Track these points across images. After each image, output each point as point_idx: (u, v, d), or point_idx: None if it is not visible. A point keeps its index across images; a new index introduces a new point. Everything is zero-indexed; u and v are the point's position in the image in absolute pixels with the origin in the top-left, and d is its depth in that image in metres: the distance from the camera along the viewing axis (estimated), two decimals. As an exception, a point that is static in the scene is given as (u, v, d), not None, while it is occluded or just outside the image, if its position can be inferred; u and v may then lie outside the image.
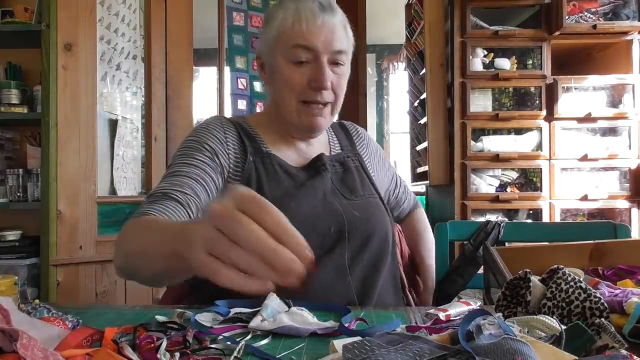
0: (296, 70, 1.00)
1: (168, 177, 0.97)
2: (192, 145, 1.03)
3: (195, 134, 1.06)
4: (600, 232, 1.28)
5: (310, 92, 1.01)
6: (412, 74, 3.44)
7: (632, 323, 0.62)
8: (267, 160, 1.05)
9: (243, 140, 1.07)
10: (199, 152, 1.01)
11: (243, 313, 0.75)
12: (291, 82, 1.01)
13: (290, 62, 1.00)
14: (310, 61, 1.00)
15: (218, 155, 1.03)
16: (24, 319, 0.55)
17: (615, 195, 2.56)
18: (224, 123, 1.09)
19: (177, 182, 0.95)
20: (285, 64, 1.01)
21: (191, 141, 1.05)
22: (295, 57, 1.00)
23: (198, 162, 1.00)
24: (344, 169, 1.12)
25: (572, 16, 2.56)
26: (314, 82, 1.00)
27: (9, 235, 2.38)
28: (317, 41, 0.99)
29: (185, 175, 0.97)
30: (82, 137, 2.36)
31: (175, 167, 0.99)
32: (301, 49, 0.99)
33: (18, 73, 2.54)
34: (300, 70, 1.00)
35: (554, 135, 2.58)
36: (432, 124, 2.81)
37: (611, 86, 2.62)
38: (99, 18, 2.53)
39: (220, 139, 1.05)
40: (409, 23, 3.43)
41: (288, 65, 1.01)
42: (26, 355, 0.45)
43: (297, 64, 1.00)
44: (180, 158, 1.01)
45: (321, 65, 0.99)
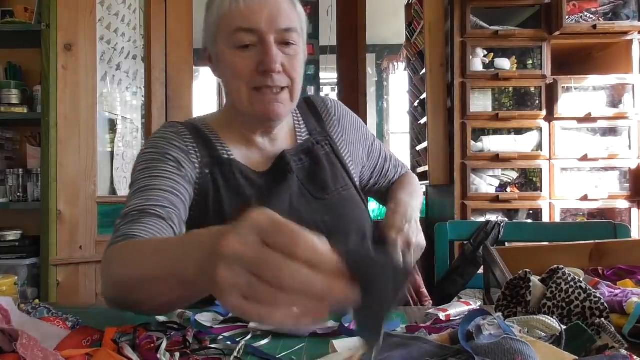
0: (241, 56, 0.91)
1: (137, 194, 0.87)
2: (153, 157, 0.94)
3: (153, 145, 0.96)
4: (600, 232, 1.28)
5: (259, 77, 0.91)
6: (412, 74, 3.44)
7: (632, 323, 0.62)
8: (227, 169, 0.97)
9: (200, 148, 0.98)
10: (162, 162, 0.92)
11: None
12: (237, 69, 0.91)
13: (233, 47, 0.91)
14: (256, 44, 0.90)
15: (182, 164, 0.94)
16: (24, 318, 0.55)
17: (615, 195, 2.56)
18: (180, 131, 0.99)
19: (150, 196, 0.86)
20: (228, 50, 0.91)
21: (150, 153, 0.95)
22: (238, 41, 0.90)
23: (165, 173, 0.91)
24: (311, 160, 1.03)
25: (572, 16, 2.56)
26: (261, 65, 0.90)
27: (9, 235, 2.38)
28: (259, 20, 0.89)
29: (157, 188, 0.88)
30: (82, 137, 2.36)
31: (141, 182, 0.90)
32: (243, 32, 0.90)
33: (18, 73, 2.54)
34: (245, 55, 0.90)
35: (554, 135, 2.57)
36: (432, 124, 2.81)
37: (611, 86, 2.62)
38: (99, 18, 2.53)
39: (181, 148, 0.96)
40: (409, 23, 3.43)
41: (232, 52, 0.91)
42: (26, 355, 0.45)
43: (241, 49, 0.90)
44: (144, 172, 0.91)
45: (267, 46, 0.89)
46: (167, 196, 0.87)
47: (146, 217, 0.82)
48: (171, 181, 0.90)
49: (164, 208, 0.85)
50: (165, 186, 0.89)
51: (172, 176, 0.91)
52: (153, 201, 0.85)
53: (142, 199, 0.85)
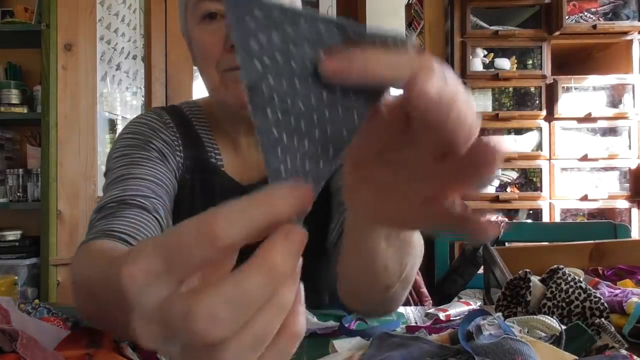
0: (206, 29, 0.75)
1: (115, 184, 0.73)
2: (133, 144, 0.79)
3: (134, 130, 0.82)
4: (600, 232, 1.28)
5: (229, 56, 0.73)
6: (412, 74, 3.44)
7: (632, 323, 0.62)
8: (208, 177, 0.83)
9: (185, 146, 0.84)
10: (144, 150, 0.79)
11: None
12: (203, 47, 0.75)
13: (198, 22, 0.75)
14: (223, 13, 0.73)
15: (167, 157, 0.81)
16: (24, 318, 0.55)
17: (615, 195, 2.56)
18: (167, 121, 0.85)
19: (130, 185, 0.72)
20: (195, 26, 0.76)
21: (130, 139, 0.80)
22: (202, 11, 0.74)
23: (147, 162, 0.77)
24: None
25: (572, 16, 2.56)
26: (228, 41, 0.73)
27: (9, 235, 2.38)
28: None
29: (137, 176, 0.74)
30: (82, 137, 2.36)
31: (118, 170, 0.75)
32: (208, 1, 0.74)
33: (18, 73, 2.54)
34: (212, 28, 0.74)
35: (554, 135, 2.57)
36: (432, 124, 2.80)
37: (611, 86, 2.62)
38: (99, 18, 2.53)
39: (167, 141, 0.82)
40: (409, 23, 3.43)
41: (198, 27, 0.76)
42: (26, 355, 0.45)
43: (207, 21, 0.75)
44: (122, 160, 0.77)
45: None
46: (150, 185, 0.74)
47: (126, 208, 0.68)
48: (154, 170, 0.76)
49: (147, 198, 0.71)
50: (147, 175, 0.75)
51: (156, 165, 0.77)
52: (133, 190, 0.71)
53: (120, 189, 0.71)
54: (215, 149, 0.85)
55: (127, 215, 0.67)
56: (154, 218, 0.70)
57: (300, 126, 0.28)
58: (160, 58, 2.68)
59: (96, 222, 0.68)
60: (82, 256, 0.61)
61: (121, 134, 0.83)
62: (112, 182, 0.74)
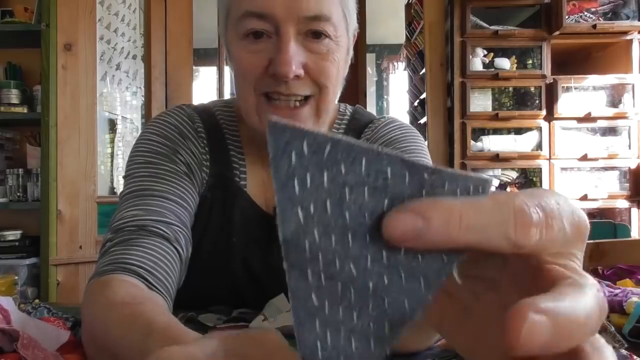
0: (249, 49, 0.68)
1: (136, 199, 0.69)
2: (159, 151, 0.74)
3: (163, 133, 0.76)
4: (600, 232, 1.28)
5: (269, 81, 0.68)
6: (412, 74, 3.44)
7: (632, 323, 0.62)
8: (230, 199, 0.78)
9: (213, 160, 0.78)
10: (170, 161, 0.73)
11: (247, 313, 0.75)
12: (243, 67, 0.69)
13: (241, 38, 0.68)
14: (271, 34, 0.67)
15: (193, 172, 0.76)
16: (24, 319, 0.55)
17: (615, 195, 2.56)
18: (198, 128, 0.79)
19: (152, 207, 0.67)
20: (236, 41, 0.69)
21: (157, 144, 0.75)
22: (247, 30, 0.67)
23: (172, 177, 0.72)
24: None
25: (572, 16, 2.56)
26: (272, 65, 0.67)
27: (9, 235, 2.38)
28: (275, 4, 0.65)
29: (161, 195, 0.69)
30: (82, 137, 2.36)
31: (141, 182, 0.71)
32: (252, 17, 0.67)
33: (18, 73, 2.54)
34: (255, 48, 0.68)
35: (553, 135, 2.58)
36: (432, 123, 2.81)
37: (611, 86, 2.62)
38: (99, 18, 2.53)
39: (195, 154, 0.77)
40: (409, 23, 3.43)
41: (239, 43, 0.69)
42: (27, 355, 0.45)
43: (250, 40, 0.68)
44: (146, 168, 0.72)
45: (282, 40, 0.66)
46: (173, 207, 0.69)
47: (146, 236, 0.64)
48: (180, 188, 0.71)
49: (170, 225, 0.67)
50: (171, 194, 0.70)
51: (181, 181, 0.72)
52: (156, 214, 0.67)
53: (141, 208, 0.67)
54: (241, 165, 0.80)
55: (146, 245, 0.63)
56: (174, 249, 0.66)
57: (349, 295, 0.22)
58: (160, 58, 2.68)
59: (112, 248, 0.63)
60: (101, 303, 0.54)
61: (146, 134, 0.77)
62: (132, 194, 0.70)
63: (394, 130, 0.82)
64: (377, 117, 0.87)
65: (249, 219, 0.77)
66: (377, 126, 0.84)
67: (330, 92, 0.70)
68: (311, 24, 0.66)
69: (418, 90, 3.32)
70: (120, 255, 0.62)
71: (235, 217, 0.77)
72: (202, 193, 0.77)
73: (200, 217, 0.76)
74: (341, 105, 0.88)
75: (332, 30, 0.68)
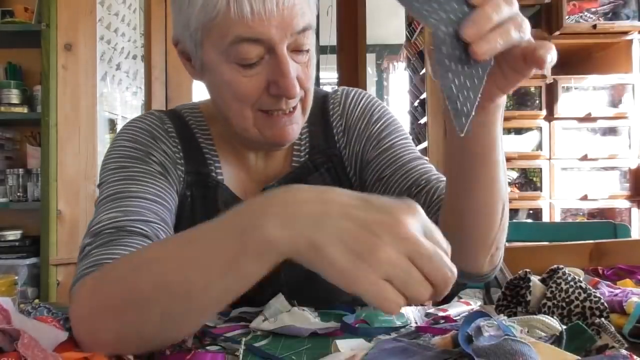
0: (245, 74, 0.67)
1: (112, 203, 0.68)
2: (131, 155, 0.73)
3: (133, 137, 0.76)
4: (600, 232, 1.28)
5: (270, 100, 0.69)
6: (412, 74, 3.44)
7: (632, 323, 0.62)
8: (211, 194, 0.79)
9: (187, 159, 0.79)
10: (143, 163, 0.73)
11: (247, 312, 0.75)
12: (241, 92, 0.69)
13: (233, 63, 0.67)
14: (263, 55, 0.66)
15: (168, 171, 0.76)
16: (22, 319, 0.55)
17: (615, 195, 2.56)
18: (168, 129, 0.79)
19: (129, 207, 0.67)
20: (225, 64, 0.67)
21: (128, 148, 0.74)
22: (240, 57, 0.66)
23: (147, 177, 0.72)
24: None
25: (572, 16, 2.56)
26: (275, 86, 0.68)
27: (9, 235, 2.38)
28: (269, 27, 0.64)
29: (137, 195, 0.69)
30: (82, 137, 2.36)
31: (115, 186, 0.70)
32: (247, 43, 0.65)
33: (18, 73, 2.54)
34: (250, 73, 0.67)
35: (554, 135, 2.58)
36: (432, 123, 2.81)
37: (611, 86, 2.62)
38: (99, 18, 2.53)
39: (168, 153, 0.77)
40: (409, 23, 3.43)
41: (231, 67, 0.67)
42: (27, 355, 0.45)
43: (245, 66, 0.67)
44: (119, 173, 0.71)
45: (281, 60, 0.66)
46: (151, 206, 0.69)
47: (125, 236, 0.63)
48: (155, 187, 0.71)
49: (149, 224, 0.66)
50: (147, 193, 0.70)
51: (157, 181, 0.72)
52: (133, 214, 0.66)
53: (118, 210, 0.66)
54: (215, 161, 0.81)
55: (127, 244, 0.62)
56: None
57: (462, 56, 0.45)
58: (160, 58, 2.68)
59: (92, 251, 0.63)
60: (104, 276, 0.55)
61: (118, 140, 0.76)
62: (107, 198, 0.69)
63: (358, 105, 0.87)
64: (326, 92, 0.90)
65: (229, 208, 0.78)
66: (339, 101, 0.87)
67: (312, 91, 0.75)
68: (299, 38, 0.67)
69: (418, 90, 3.32)
70: (102, 256, 0.61)
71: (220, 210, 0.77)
72: (180, 192, 0.78)
73: (184, 216, 0.78)
74: None
75: (311, 38, 0.70)
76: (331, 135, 0.85)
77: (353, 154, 0.84)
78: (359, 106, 0.86)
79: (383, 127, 0.84)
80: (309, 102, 0.75)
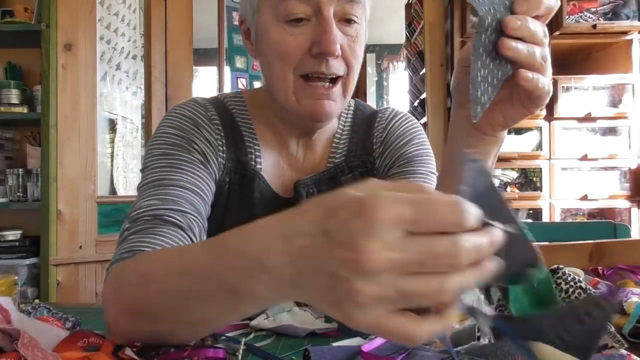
0: (291, 32, 0.71)
1: (152, 190, 0.71)
2: (175, 142, 0.77)
3: (178, 125, 0.79)
4: (600, 232, 1.28)
5: (311, 62, 0.71)
6: (412, 74, 3.44)
7: (632, 323, 0.62)
8: (248, 183, 0.81)
9: (228, 147, 0.81)
10: (185, 151, 0.76)
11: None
12: (285, 49, 0.72)
13: (281, 21, 0.71)
14: (310, 17, 0.71)
15: (209, 160, 0.78)
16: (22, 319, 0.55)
17: (615, 195, 2.56)
18: (212, 117, 0.82)
19: (168, 196, 0.70)
20: (274, 24, 0.72)
21: (172, 135, 0.78)
22: (288, 12, 0.70)
23: (189, 166, 0.75)
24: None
25: (572, 16, 2.56)
26: (317, 46, 0.70)
27: (9, 235, 2.38)
28: None
29: (176, 184, 0.72)
30: (82, 137, 2.36)
31: (158, 172, 0.73)
32: (294, 0, 0.70)
33: (18, 73, 2.54)
34: (296, 31, 0.71)
35: (554, 135, 2.58)
36: (432, 123, 2.81)
37: (611, 86, 2.62)
38: (99, 18, 2.53)
39: (210, 141, 0.79)
40: (409, 23, 3.43)
41: (279, 26, 0.72)
42: (27, 355, 0.45)
43: (291, 24, 0.71)
44: (163, 160, 0.75)
45: (326, 21, 0.70)
46: (188, 196, 0.72)
47: (161, 225, 0.67)
48: (195, 177, 0.74)
49: (184, 214, 0.69)
50: (187, 182, 0.73)
51: (197, 170, 0.75)
52: (171, 203, 0.69)
53: (157, 198, 0.70)
54: (256, 150, 0.83)
55: (161, 234, 0.66)
56: (187, 237, 0.69)
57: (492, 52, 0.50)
58: (160, 58, 2.68)
59: (130, 237, 0.67)
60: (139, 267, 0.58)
61: (162, 127, 0.80)
62: (149, 184, 0.72)
63: (402, 125, 0.90)
64: (377, 108, 0.95)
65: (266, 201, 0.81)
66: (385, 117, 0.91)
67: (356, 72, 0.76)
68: (346, 7, 0.71)
69: (418, 90, 3.32)
70: (137, 243, 0.65)
71: (254, 199, 0.81)
72: (220, 178, 0.81)
73: (220, 201, 0.81)
74: None
75: (361, 13, 0.74)
76: (370, 144, 0.88)
77: (382, 166, 0.88)
78: (402, 127, 0.90)
79: (415, 153, 0.87)
80: (352, 83, 0.76)
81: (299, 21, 0.71)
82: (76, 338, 0.55)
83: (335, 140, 0.87)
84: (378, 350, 0.52)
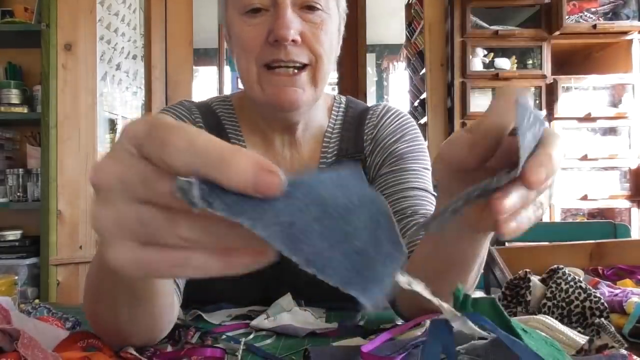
0: (250, 23, 0.73)
1: None
2: None
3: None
4: (600, 232, 1.28)
5: (270, 50, 0.72)
6: (412, 74, 3.44)
7: (632, 323, 0.62)
8: None
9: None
10: None
11: (254, 311, 0.75)
12: (245, 40, 0.73)
13: (241, 13, 0.73)
14: (268, 7, 0.72)
15: None
16: (22, 319, 0.55)
17: (615, 195, 2.56)
18: (196, 119, 0.83)
19: None
20: (237, 17, 0.74)
21: None
22: (246, 4, 0.72)
23: None
24: None
25: (572, 16, 2.56)
26: (272, 33, 0.71)
27: (9, 235, 2.38)
28: None
29: None
30: (82, 137, 2.36)
31: None
32: None
33: (18, 73, 2.54)
34: (255, 22, 0.73)
35: (554, 135, 2.58)
36: (432, 124, 2.81)
37: (611, 86, 2.62)
38: (99, 18, 2.53)
39: None
40: (409, 23, 3.43)
41: (240, 19, 0.74)
42: (27, 355, 0.45)
43: (250, 15, 0.73)
44: None
45: (280, 6, 0.71)
46: None
47: None
48: None
49: None
50: None
51: None
52: None
53: None
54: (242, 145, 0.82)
55: None
56: None
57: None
58: (160, 58, 2.68)
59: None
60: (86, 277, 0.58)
61: None
62: None
63: (394, 121, 0.87)
64: (369, 105, 0.92)
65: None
66: (377, 114, 0.88)
67: (324, 61, 0.74)
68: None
69: (418, 90, 3.32)
70: None
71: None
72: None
73: None
74: (336, 95, 0.93)
75: (324, 2, 0.74)
76: (360, 142, 0.86)
77: (373, 164, 0.85)
78: (394, 123, 0.87)
79: (408, 149, 0.84)
80: (322, 73, 0.75)
81: (257, 11, 0.72)
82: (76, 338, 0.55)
83: (325, 139, 0.86)
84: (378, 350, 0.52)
